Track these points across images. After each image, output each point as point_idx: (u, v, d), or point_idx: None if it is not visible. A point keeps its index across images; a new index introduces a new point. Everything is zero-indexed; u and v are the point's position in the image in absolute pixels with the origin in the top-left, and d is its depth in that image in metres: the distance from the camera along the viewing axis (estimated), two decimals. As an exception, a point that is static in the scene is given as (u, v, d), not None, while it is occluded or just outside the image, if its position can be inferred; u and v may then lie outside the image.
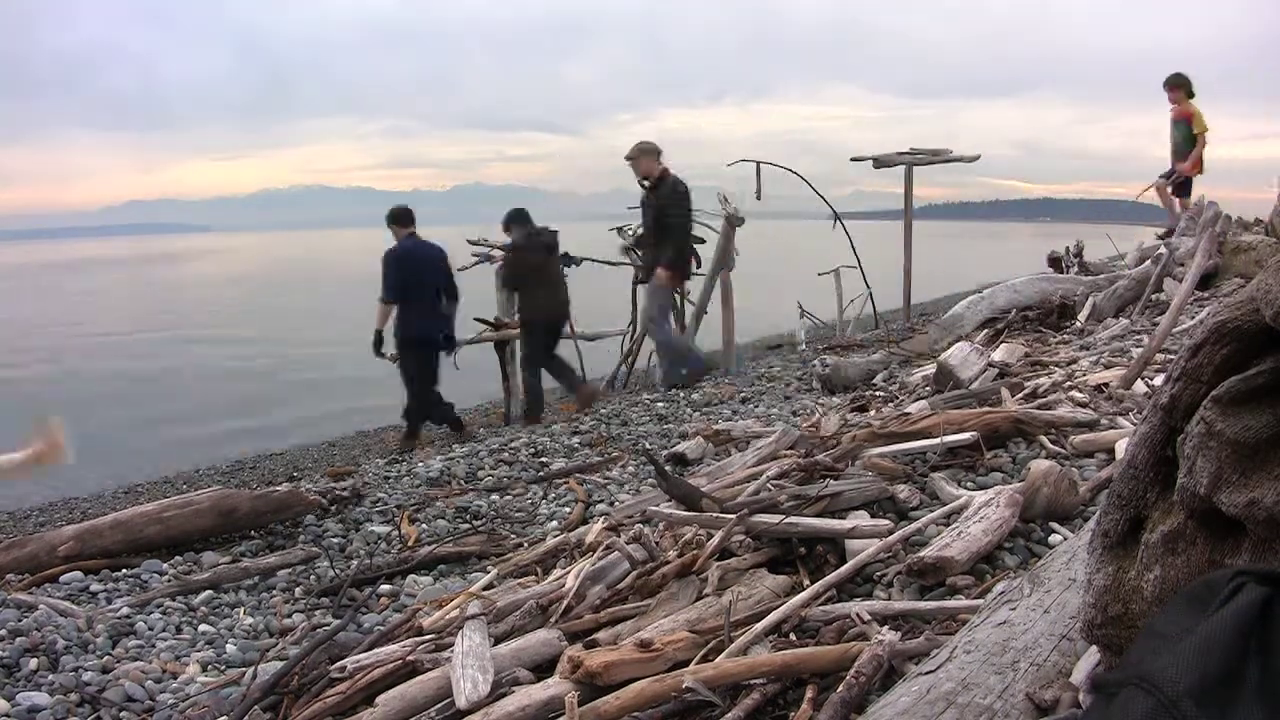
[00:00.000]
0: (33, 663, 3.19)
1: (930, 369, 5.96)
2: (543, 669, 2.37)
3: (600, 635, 2.47)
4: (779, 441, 4.40)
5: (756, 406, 7.04)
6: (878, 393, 6.27)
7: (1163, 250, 8.85)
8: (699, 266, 11.35)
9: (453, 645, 2.46)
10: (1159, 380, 2.46)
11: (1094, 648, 1.49)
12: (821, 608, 2.39)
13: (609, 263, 12.04)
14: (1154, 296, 7.95)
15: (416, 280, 8.59)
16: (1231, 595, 0.71)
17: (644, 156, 8.90)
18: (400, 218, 8.73)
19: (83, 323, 28.29)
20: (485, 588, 3.29)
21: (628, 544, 3.00)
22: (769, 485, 3.42)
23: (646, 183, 8.98)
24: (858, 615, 2.23)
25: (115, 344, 22.56)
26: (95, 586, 4.24)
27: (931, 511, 2.92)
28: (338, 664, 2.65)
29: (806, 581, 2.61)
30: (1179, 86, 10.72)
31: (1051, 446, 3.53)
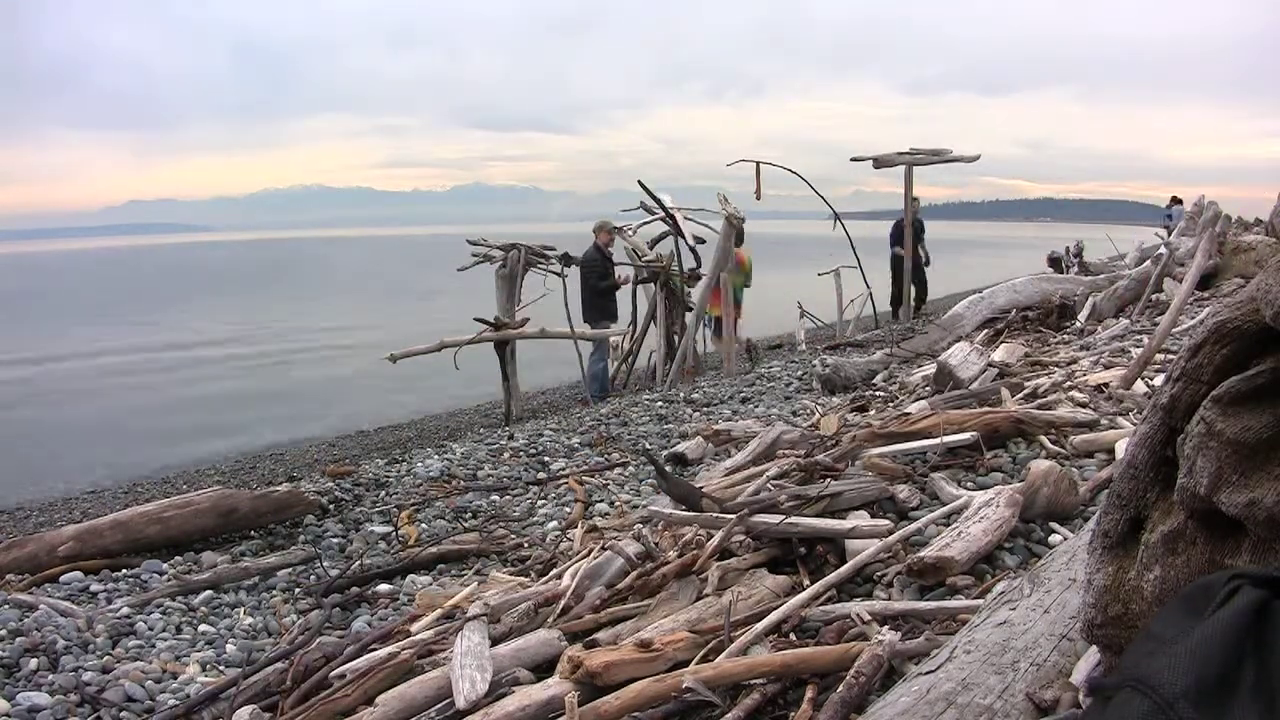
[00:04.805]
0: (33, 663, 3.19)
1: (930, 369, 5.96)
2: (543, 669, 2.37)
3: (600, 635, 2.47)
4: (763, 449, 4.38)
5: (756, 406, 7.04)
6: (878, 393, 6.26)
7: (1162, 250, 8.86)
8: (699, 266, 11.38)
9: (451, 645, 2.46)
10: (1159, 380, 2.46)
11: (1094, 648, 1.49)
12: (821, 608, 2.39)
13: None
14: (1154, 296, 7.95)
15: None
16: (1228, 598, 0.71)
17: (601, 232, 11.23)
18: None
19: (78, 319, 28.30)
20: (484, 587, 3.29)
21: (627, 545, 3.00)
22: (769, 485, 3.42)
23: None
24: (858, 615, 2.23)
25: (111, 342, 22.56)
26: (95, 586, 4.23)
27: (931, 511, 2.92)
28: (336, 664, 2.65)
29: (806, 581, 2.60)
30: None
31: (1051, 446, 3.53)
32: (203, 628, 3.76)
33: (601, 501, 4.93)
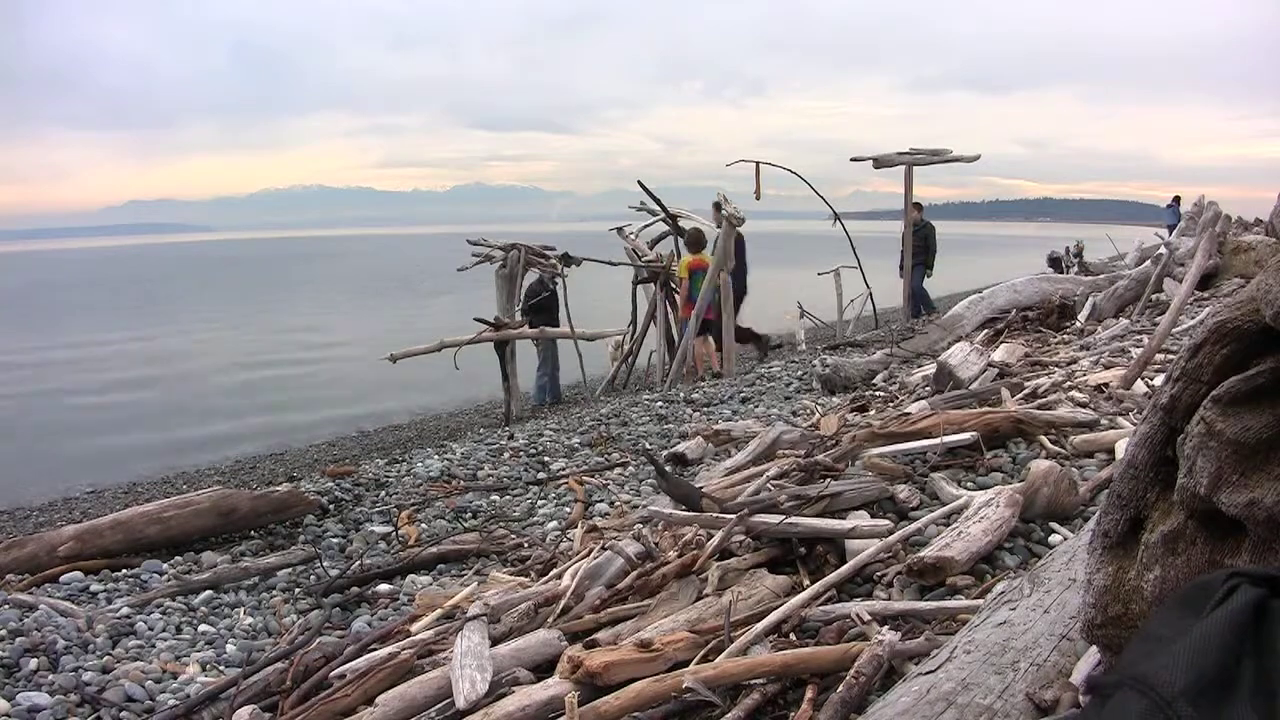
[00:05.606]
0: (33, 663, 3.19)
1: (930, 369, 5.96)
2: (543, 669, 2.37)
3: (600, 635, 2.47)
4: (763, 449, 4.38)
5: (756, 406, 7.04)
6: (878, 393, 6.26)
7: (1163, 250, 8.87)
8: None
9: (452, 645, 2.46)
10: (1159, 380, 2.46)
11: (1094, 648, 1.49)
12: (821, 608, 2.39)
13: (609, 263, 12.06)
14: (1154, 296, 7.96)
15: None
16: (1226, 597, 0.71)
17: None
18: None
19: (79, 319, 28.31)
20: (484, 587, 3.29)
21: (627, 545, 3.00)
22: (769, 485, 3.42)
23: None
24: (858, 615, 2.23)
25: (111, 342, 22.55)
26: (95, 586, 4.23)
27: (931, 511, 2.92)
28: (336, 664, 2.65)
29: (806, 582, 2.60)
30: None
31: (1051, 446, 3.53)
32: (203, 628, 3.76)
33: (601, 501, 4.93)
